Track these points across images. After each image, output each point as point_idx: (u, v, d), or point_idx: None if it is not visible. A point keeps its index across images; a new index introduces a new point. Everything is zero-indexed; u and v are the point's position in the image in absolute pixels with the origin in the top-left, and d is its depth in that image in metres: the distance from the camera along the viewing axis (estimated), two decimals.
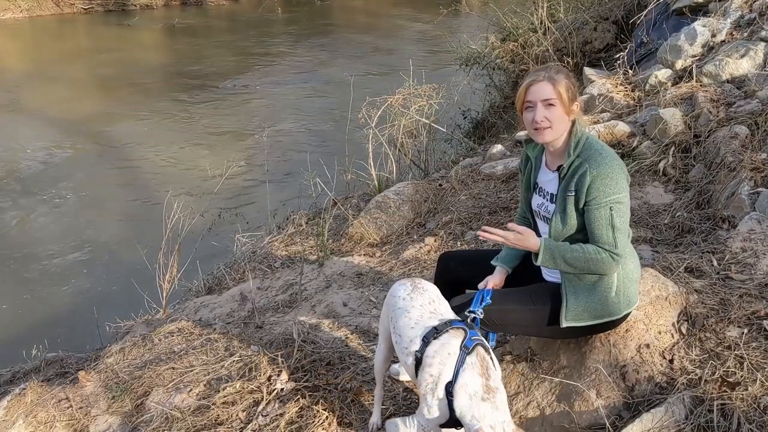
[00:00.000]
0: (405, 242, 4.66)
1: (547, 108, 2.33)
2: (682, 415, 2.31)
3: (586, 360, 2.59)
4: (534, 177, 2.59)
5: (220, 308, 4.27)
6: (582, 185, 2.31)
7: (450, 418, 2.18)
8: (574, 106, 2.37)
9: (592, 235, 2.35)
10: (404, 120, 6.47)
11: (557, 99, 2.32)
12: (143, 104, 12.54)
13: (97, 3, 22.59)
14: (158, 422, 3.00)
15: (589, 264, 2.33)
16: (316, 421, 2.82)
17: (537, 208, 2.58)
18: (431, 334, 2.27)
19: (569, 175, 2.36)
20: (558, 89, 2.32)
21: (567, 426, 2.49)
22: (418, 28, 19.30)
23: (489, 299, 2.43)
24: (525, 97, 2.37)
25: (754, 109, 4.21)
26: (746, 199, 3.56)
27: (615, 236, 2.32)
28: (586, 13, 7.61)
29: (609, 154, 2.34)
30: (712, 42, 5.18)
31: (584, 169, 2.30)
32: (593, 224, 2.34)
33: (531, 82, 2.36)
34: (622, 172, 2.32)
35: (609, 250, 2.33)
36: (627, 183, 2.35)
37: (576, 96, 2.39)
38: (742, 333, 2.54)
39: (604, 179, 2.28)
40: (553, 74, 2.35)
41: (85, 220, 8.03)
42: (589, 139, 2.38)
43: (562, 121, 2.36)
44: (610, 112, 5.13)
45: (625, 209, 2.33)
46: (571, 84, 2.37)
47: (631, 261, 2.44)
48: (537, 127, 2.35)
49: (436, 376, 2.19)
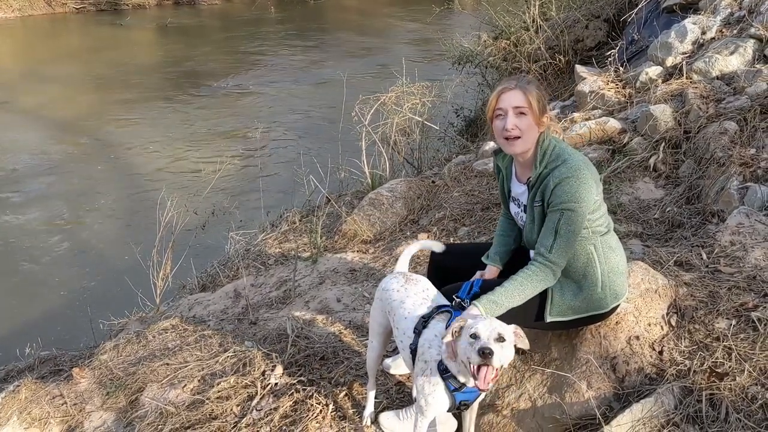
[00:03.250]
0: (398, 239, 4.69)
1: (518, 116, 2.33)
2: (672, 405, 2.34)
3: (577, 352, 2.62)
4: (507, 187, 2.62)
5: (214, 305, 4.28)
6: (546, 193, 2.32)
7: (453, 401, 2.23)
8: (544, 117, 2.37)
9: (540, 234, 2.37)
10: (397, 118, 6.50)
11: (528, 108, 2.32)
12: (136, 104, 12.52)
13: (89, 2, 22.51)
14: (153, 417, 3.02)
15: (528, 286, 2.33)
16: (310, 414, 2.84)
17: (514, 215, 2.63)
18: (420, 324, 2.31)
19: (537, 186, 2.37)
20: (529, 98, 2.32)
21: (558, 417, 2.52)
22: (411, 27, 19.33)
23: (478, 289, 2.46)
24: (496, 104, 2.37)
25: (743, 105, 4.25)
26: (735, 194, 3.60)
27: (554, 242, 2.31)
28: (578, 11, 7.64)
29: (575, 161, 2.31)
30: (702, 39, 5.22)
31: (549, 178, 2.31)
32: (544, 225, 2.35)
33: (502, 90, 2.36)
34: (586, 181, 2.28)
35: (542, 255, 2.33)
36: (591, 192, 2.30)
37: (546, 108, 2.39)
38: (731, 324, 2.58)
39: (564, 185, 2.27)
40: (524, 84, 2.36)
41: (78, 218, 8.02)
42: (556, 148, 2.36)
43: (531, 131, 2.36)
44: (602, 109, 5.17)
45: (577, 218, 2.28)
46: (542, 95, 2.37)
47: (615, 254, 2.46)
48: (507, 135, 2.35)
49: (429, 361, 2.23)
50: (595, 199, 2.33)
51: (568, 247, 2.31)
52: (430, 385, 2.23)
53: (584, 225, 2.32)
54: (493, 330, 2.03)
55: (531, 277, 2.33)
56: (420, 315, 2.35)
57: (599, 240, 2.39)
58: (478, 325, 2.05)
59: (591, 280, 2.41)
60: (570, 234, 2.29)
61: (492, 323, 2.06)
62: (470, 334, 2.03)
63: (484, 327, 2.03)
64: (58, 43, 18.46)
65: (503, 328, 2.06)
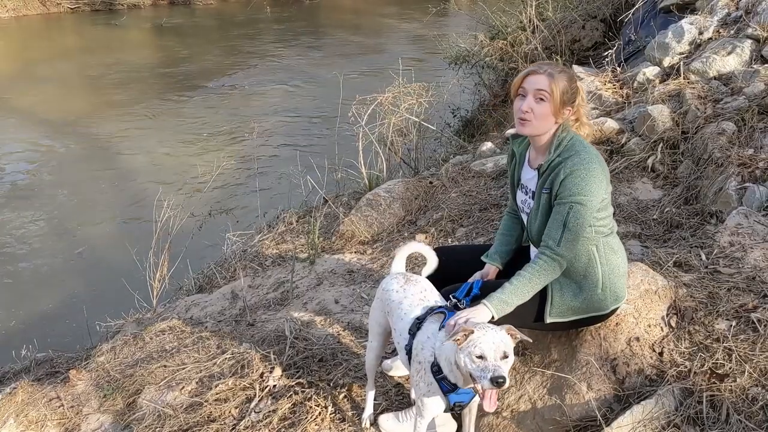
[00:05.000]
0: (396, 240, 4.67)
1: (537, 101, 2.32)
2: (672, 406, 2.34)
3: (577, 353, 2.61)
4: (518, 173, 2.61)
5: (212, 306, 4.27)
6: (555, 183, 2.31)
7: (448, 402, 2.22)
8: (565, 110, 2.35)
9: (546, 227, 2.36)
10: (394, 118, 6.48)
11: (549, 95, 2.30)
12: (131, 104, 12.48)
13: (83, 2, 22.41)
14: (150, 420, 3.00)
15: (536, 281, 2.33)
16: (309, 416, 2.83)
17: (520, 204, 2.61)
18: (415, 325, 2.30)
19: (547, 173, 2.36)
20: (552, 86, 2.30)
21: (558, 419, 2.52)
22: (407, 27, 19.31)
23: (477, 290, 2.45)
24: (521, 83, 2.37)
25: (740, 106, 4.25)
26: (734, 194, 3.60)
27: (562, 235, 2.30)
28: (575, 12, 7.64)
29: (589, 155, 2.31)
30: (700, 39, 5.22)
31: (560, 167, 2.30)
32: (551, 218, 2.34)
33: (530, 72, 2.36)
34: (597, 176, 2.28)
35: (550, 248, 2.32)
36: (601, 187, 2.30)
37: (573, 101, 2.36)
38: (731, 326, 2.58)
39: (575, 178, 2.26)
40: (555, 72, 2.33)
41: (74, 219, 7.98)
42: (573, 139, 2.36)
43: (546, 120, 2.34)
44: (599, 110, 5.16)
45: (585, 212, 2.28)
46: (570, 88, 2.34)
47: (617, 256, 2.45)
48: (521, 116, 2.35)
49: (423, 362, 2.23)
50: (604, 197, 2.33)
51: (576, 240, 2.30)
52: (424, 385, 2.23)
53: (592, 221, 2.30)
54: (498, 349, 2.00)
55: (539, 272, 2.33)
56: (415, 316, 2.34)
57: (602, 241, 2.38)
58: (482, 343, 2.00)
59: (591, 280, 2.40)
60: (578, 227, 2.28)
61: (494, 339, 2.01)
62: (476, 355, 2.00)
63: (488, 346, 1.99)
64: (53, 43, 18.38)
65: (506, 344, 2.03)
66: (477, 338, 2.01)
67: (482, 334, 2.02)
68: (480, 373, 1.98)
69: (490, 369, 1.96)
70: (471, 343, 2.01)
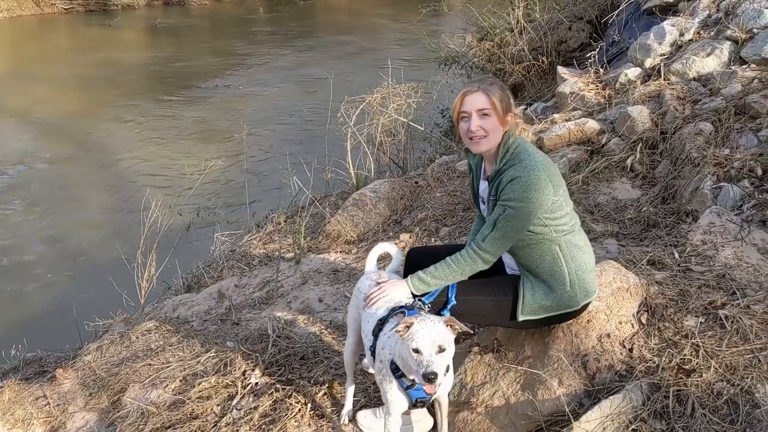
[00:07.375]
0: (381, 239, 4.73)
1: (482, 118, 2.40)
2: (640, 401, 2.40)
3: (549, 350, 2.67)
4: (476, 186, 2.69)
5: (198, 306, 4.32)
6: (500, 189, 2.39)
7: (410, 398, 2.28)
8: (508, 116, 2.44)
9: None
10: (383, 119, 6.54)
11: (492, 109, 2.39)
12: (125, 104, 12.52)
13: (78, 3, 22.45)
14: (134, 417, 3.06)
15: (456, 269, 2.44)
16: (289, 413, 2.89)
17: (483, 213, 2.69)
18: (377, 327, 2.37)
19: (495, 182, 2.44)
20: (492, 99, 2.39)
21: (530, 414, 2.57)
22: (399, 27, 19.36)
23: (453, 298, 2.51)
24: (460, 107, 2.45)
25: (718, 107, 4.32)
26: (709, 194, 3.67)
27: (490, 233, 2.39)
28: (562, 13, 7.72)
29: (532, 162, 2.36)
30: (681, 41, 5.29)
31: (504, 175, 2.38)
32: (489, 217, 2.44)
33: (466, 93, 2.44)
34: (538, 182, 2.31)
35: (476, 242, 2.42)
36: (544, 194, 2.33)
37: (511, 107, 2.46)
38: (699, 322, 2.64)
39: (514, 185, 2.33)
40: (487, 86, 2.42)
41: (63, 219, 8.02)
42: (519, 147, 2.42)
43: (496, 131, 2.43)
44: (582, 110, 5.23)
45: (518, 216, 2.33)
46: (505, 96, 2.44)
47: (582, 252, 2.51)
48: (472, 136, 2.43)
49: (384, 361, 2.30)
50: (553, 199, 2.38)
51: (504, 240, 2.39)
52: (387, 383, 2.30)
53: (528, 225, 2.37)
54: (433, 343, 2.06)
55: (459, 261, 2.44)
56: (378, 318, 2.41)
57: (563, 239, 2.44)
58: (418, 337, 2.06)
59: (559, 279, 2.46)
60: (508, 229, 2.36)
61: (431, 333, 2.07)
62: (413, 348, 2.07)
63: (424, 341, 2.06)
64: (47, 44, 18.40)
65: (442, 337, 2.09)
66: (415, 332, 2.09)
67: (420, 327, 2.09)
68: (415, 367, 2.07)
69: (424, 365, 2.04)
70: (409, 337, 2.09)
